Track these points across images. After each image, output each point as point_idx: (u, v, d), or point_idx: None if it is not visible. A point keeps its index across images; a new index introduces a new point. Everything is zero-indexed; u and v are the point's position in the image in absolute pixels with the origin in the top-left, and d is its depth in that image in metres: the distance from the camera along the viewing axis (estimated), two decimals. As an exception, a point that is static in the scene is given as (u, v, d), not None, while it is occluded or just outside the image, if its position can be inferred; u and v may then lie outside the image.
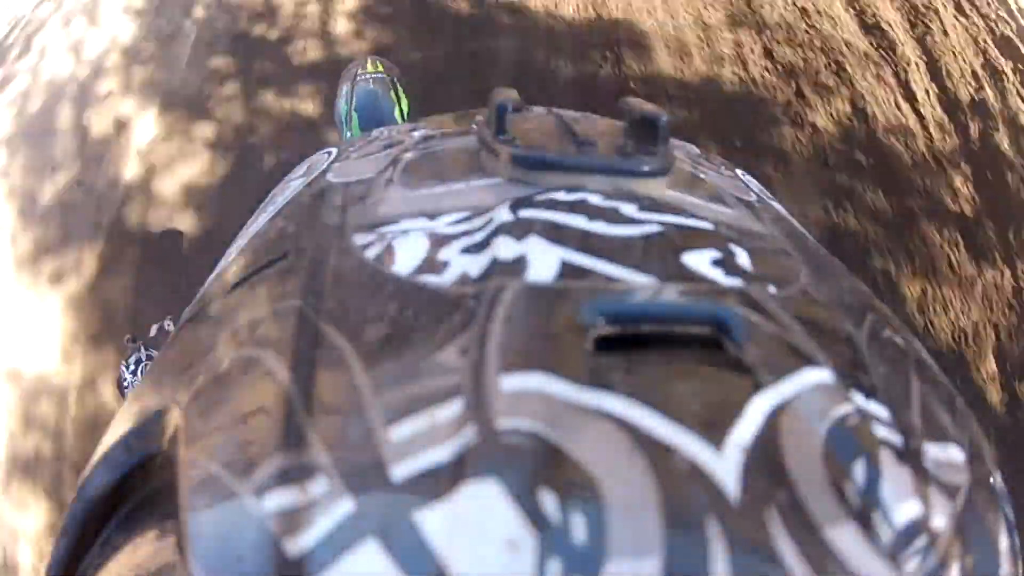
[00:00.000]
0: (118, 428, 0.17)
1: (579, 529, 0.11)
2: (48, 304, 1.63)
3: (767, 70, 1.83)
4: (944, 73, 1.85)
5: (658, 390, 0.13)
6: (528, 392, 0.13)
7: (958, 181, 1.69)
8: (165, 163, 1.79)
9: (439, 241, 0.18)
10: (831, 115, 1.76)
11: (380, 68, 0.97)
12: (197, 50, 2.00)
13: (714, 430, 0.13)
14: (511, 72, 1.83)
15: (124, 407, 0.18)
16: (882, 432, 0.14)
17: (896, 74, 1.84)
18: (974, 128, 1.77)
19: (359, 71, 0.97)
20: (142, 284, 1.62)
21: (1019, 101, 1.83)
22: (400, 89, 0.96)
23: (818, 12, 1.96)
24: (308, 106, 1.83)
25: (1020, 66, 1.89)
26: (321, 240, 0.19)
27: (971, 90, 1.83)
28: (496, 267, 0.16)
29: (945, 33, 1.93)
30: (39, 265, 1.69)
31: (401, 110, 0.96)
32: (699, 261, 0.17)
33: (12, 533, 1.43)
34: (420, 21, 1.98)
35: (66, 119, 1.92)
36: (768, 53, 1.86)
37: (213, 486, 0.13)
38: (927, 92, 1.81)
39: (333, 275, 0.17)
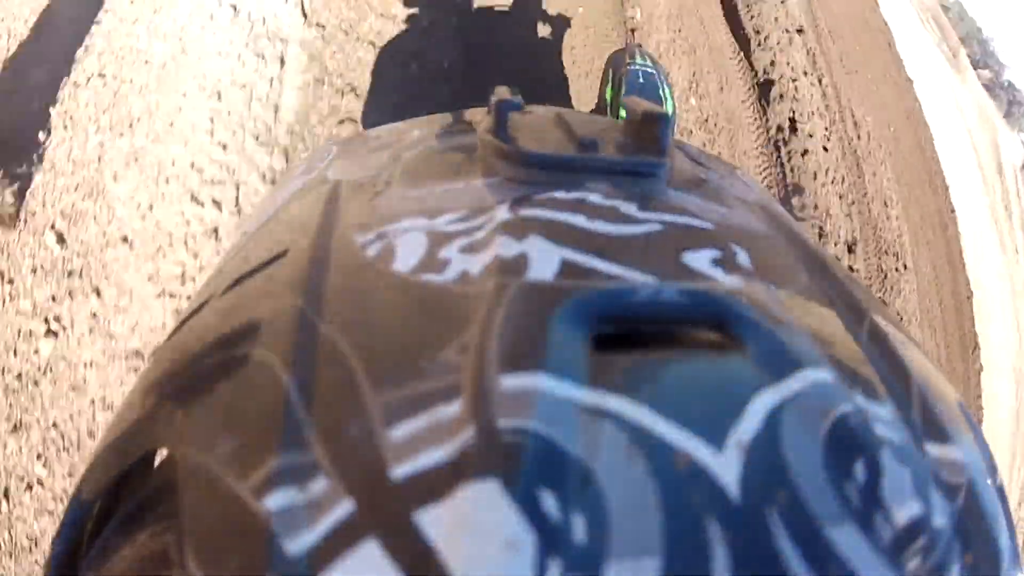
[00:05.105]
0: (117, 427, 0.17)
1: (579, 529, 0.11)
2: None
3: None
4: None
5: (658, 389, 0.13)
6: (528, 392, 0.13)
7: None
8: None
9: (439, 240, 0.18)
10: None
11: (648, 61, 0.89)
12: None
13: (714, 429, 0.13)
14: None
15: (122, 406, 0.18)
16: (883, 432, 0.14)
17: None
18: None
19: (628, 59, 0.89)
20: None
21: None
22: (668, 88, 0.86)
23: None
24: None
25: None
26: (321, 238, 0.19)
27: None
28: (497, 266, 0.16)
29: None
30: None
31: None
32: (699, 260, 0.17)
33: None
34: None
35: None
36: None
37: (213, 486, 0.13)
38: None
39: (333, 274, 0.17)
